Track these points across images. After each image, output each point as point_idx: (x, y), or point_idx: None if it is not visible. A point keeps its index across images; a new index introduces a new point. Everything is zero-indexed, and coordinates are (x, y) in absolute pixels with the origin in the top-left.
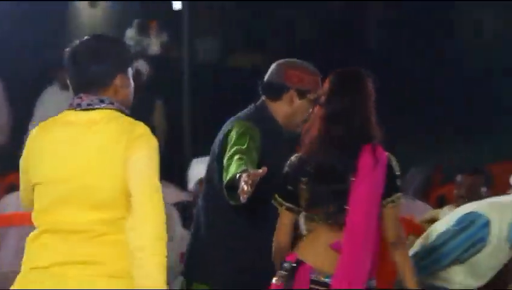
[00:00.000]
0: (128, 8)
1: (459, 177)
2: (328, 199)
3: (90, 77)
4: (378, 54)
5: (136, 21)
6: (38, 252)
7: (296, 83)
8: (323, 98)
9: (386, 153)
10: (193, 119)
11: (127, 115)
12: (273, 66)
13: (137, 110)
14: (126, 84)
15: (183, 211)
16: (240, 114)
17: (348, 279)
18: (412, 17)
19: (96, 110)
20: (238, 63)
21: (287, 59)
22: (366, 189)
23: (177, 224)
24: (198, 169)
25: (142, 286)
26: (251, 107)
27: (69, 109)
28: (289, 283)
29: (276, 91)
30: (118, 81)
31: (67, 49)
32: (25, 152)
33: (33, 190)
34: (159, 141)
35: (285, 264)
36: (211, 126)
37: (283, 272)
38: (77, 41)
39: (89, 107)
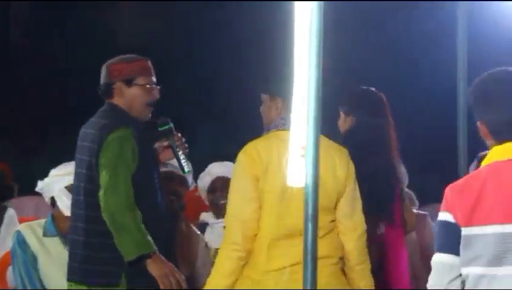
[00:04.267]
0: None
1: None
2: None
3: None
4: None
5: None
6: (270, 258)
7: (118, 76)
8: None
9: None
10: None
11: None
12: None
13: None
14: None
15: None
16: (105, 121)
17: None
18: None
19: None
20: None
21: (111, 59)
22: None
23: None
24: None
25: None
26: (104, 111)
27: (278, 130)
28: None
29: (107, 90)
30: None
31: None
32: (256, 166)
33: (261, 199)
34: None
35: None
36: None
37: None
38: None
39: None
